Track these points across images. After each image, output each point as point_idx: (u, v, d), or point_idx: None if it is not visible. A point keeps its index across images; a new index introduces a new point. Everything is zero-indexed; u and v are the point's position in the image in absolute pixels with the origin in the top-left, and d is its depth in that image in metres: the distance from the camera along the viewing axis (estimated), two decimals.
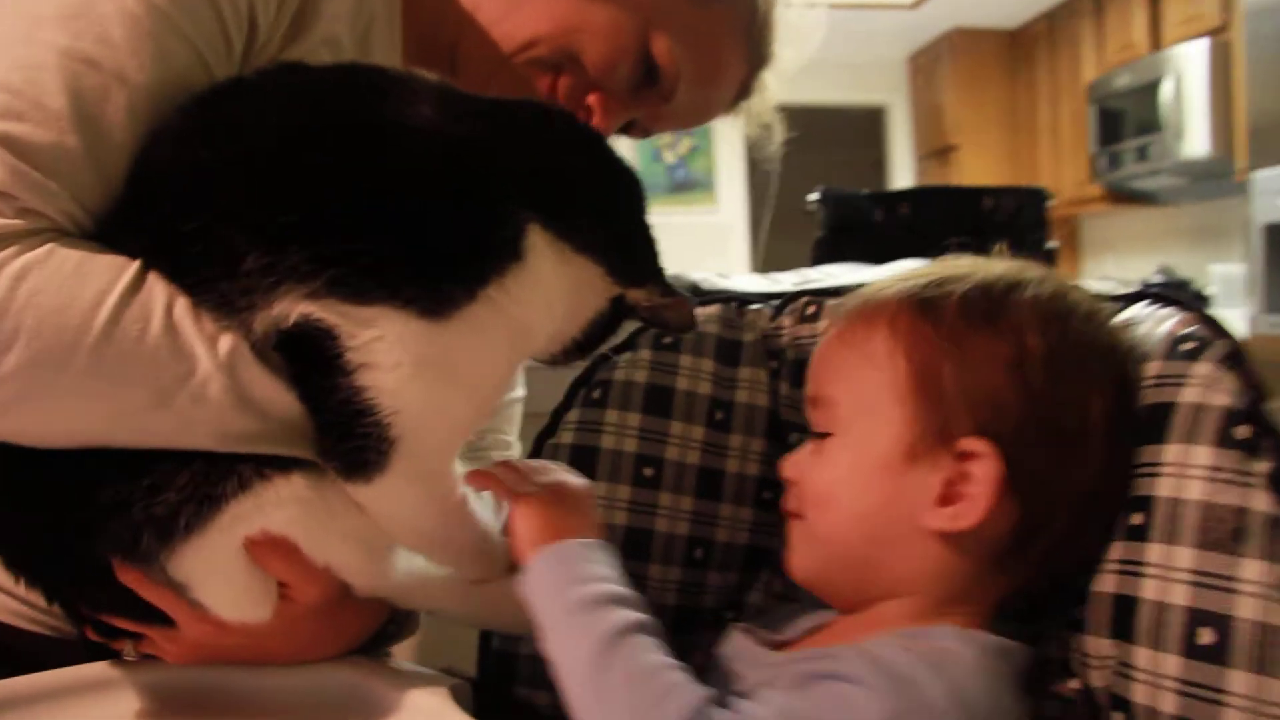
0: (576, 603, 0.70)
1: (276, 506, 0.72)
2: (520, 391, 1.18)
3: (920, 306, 0.79)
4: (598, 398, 1.02)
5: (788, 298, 1.06)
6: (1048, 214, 2.48)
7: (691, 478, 0.99)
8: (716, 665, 0.83)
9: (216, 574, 0.73)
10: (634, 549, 0.97)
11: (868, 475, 0.77)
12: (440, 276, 0.69)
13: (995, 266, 0.82)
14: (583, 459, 0.99)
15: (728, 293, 1.10)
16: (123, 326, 0.66)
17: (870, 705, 0.65)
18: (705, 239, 7.22)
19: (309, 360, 0.69)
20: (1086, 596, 0.74)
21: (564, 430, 1.02)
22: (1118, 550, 0.73)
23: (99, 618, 0.80)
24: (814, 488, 0.81)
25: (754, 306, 1.07)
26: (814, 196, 2.78)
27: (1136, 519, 0.72)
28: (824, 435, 0.81)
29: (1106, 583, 0.73)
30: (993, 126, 6.76)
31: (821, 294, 1.05)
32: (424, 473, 0.74)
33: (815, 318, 1.01)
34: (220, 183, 0.69)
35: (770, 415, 1.02)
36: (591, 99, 0.96)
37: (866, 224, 2.61)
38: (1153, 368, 0.75)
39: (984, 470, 0.73)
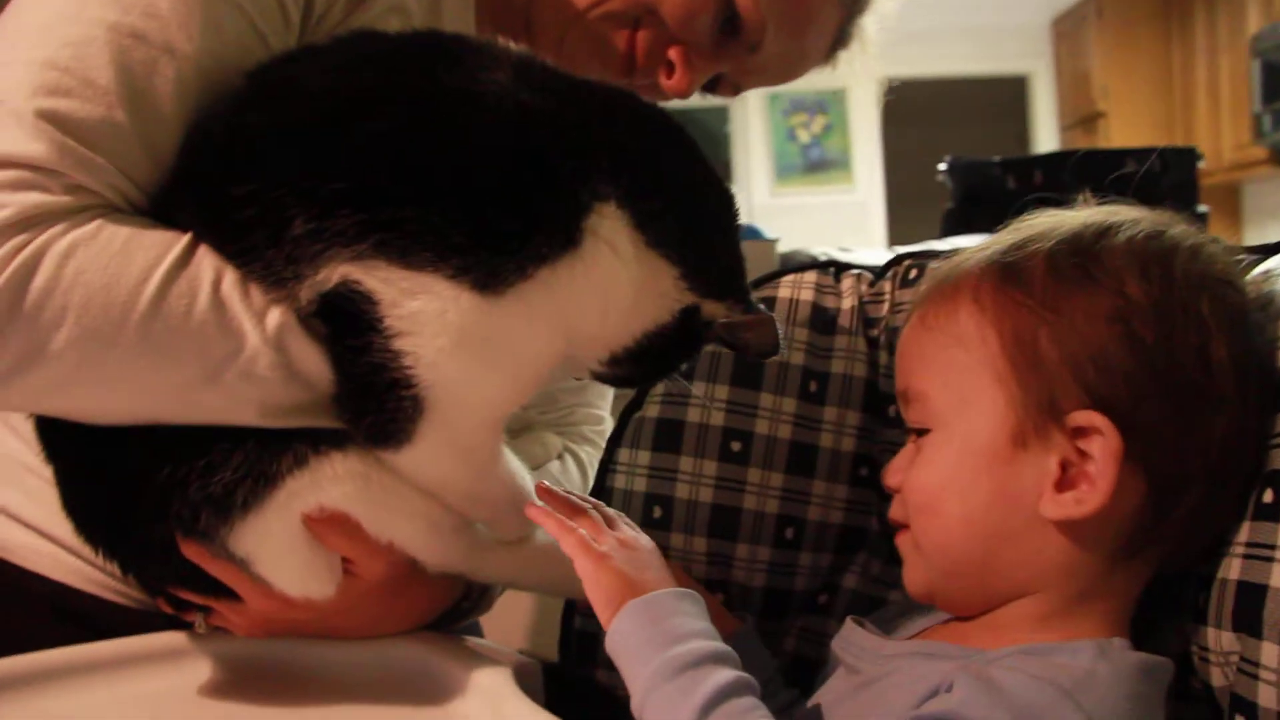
0: (670, 665, 0.63)
1: (333, 483, 0.70)
2: None
3: (1003, 273, 0.71)
4: (684, 369, 0.97)
5: (890, 262, 1.00)
6: (1198, 175, 2.32)
7: (782, 453, 0.93)
8: (833, 658, 0.77)
9: (278, 550, 0.72)
10: (720, 527, 0.93)
11: (974, 469, 0.69)
12: (493, 250, 0.65)
13: (1079, 215, 0.73)
14: (668, 433, 0.95)
15: (827, 259, 1.04)
16: (169, 302, 0.65)
17: None
18: (842, 218, 7.09)
19: (346, 327, 0.66)
20: (1209, 583, 0.66)
21: (650, 403, 0.98)
22: (1245, 531, 0.64)
23: (170, 591, 0.80)
24: (917, 492, 0.73)
25: (853, 272, 1.00)
26: (942, 167, 2.67)
27: (1268, 496, 0.63)
28: (922, 432, 0.74)
29: (1231, 568, 0.64)
30: (1143, 90, 6.40)
31: (925, 256, 0.99)
32: (459, 446, 0.71)
33: (918, 282, 0.94)
34: (274, 146, 0.68)
35: (868, 386, 0.95)
36: (672, 53, 0.91)
37: (998, 193, 2.48)
38: None
39: (1102, 446, 0.64)
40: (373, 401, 0.67)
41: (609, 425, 1.13)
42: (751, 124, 7.40)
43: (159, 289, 0.65)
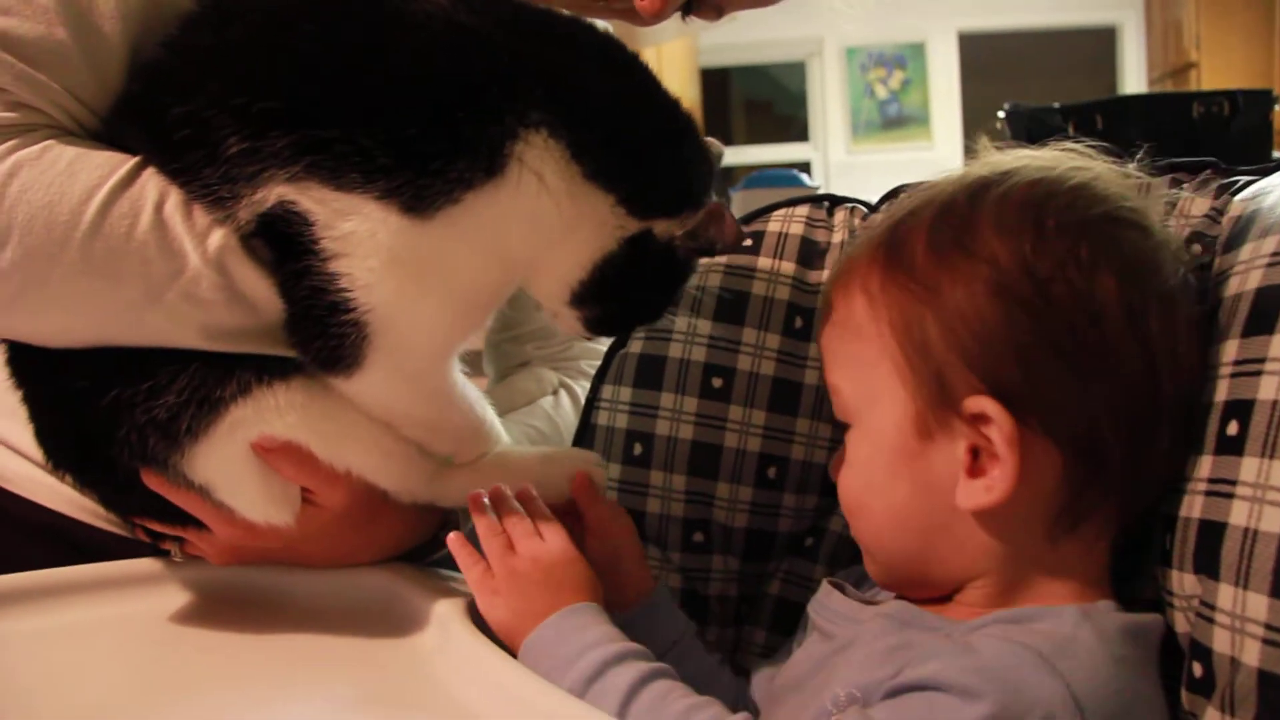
0: (575, 687, 0.63)
1: (276, 413, 0.70)
2: None
3: (887, 256, 0.68)
4: (675, 308, 0.95)
5: (887, 194, 0.96)
6: (1275, 118, 2.19)
7: (765, 389, 0.91)
8: (808, 621, 0.75)
9: (232, 477, 0.73)
10: (700, 465, 0.91)
11: (889, 466, 0.66)
12: (419, 172, 0.64)
13: (963, 176, 0.70)
14: (649, 368, 0.93)
15: (823, 194, 1.01)
16: (110, 222, 0.65)
17: (967, 716, 0.54)
18: (920, 175, 6.81)
19: (287, 250, 0.66)
20: (1173, 523, 0.62)
21: (634, 339, 0.96)
22: (1207, 466, 0.60)
23: (142, 521, 0.81)
24: (844, 494, 0.71)
25: (847, 205, 0.97)
26: (1001, 114, 2.58)
27: (1231, 428, 0.59)
28: (845, 427, 0.71)
29: (1194, 506, 0.60)
30: (1239, 39, 6.10)
31: (920, 187, 0.94)
32: (407, 371, 0.70)
33: None
34: (210, 66, 0.68)
35: None
36: None
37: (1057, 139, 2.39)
38: (1269, 243, 0.61)
39: (998, 431, 0.61)
40: (318, 326, 0.67)
41: None
42: (829, 80, 7.26)
43: (101, 208, 0.65)
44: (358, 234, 0.64)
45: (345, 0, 0.68)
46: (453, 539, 0.73)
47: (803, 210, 0.96)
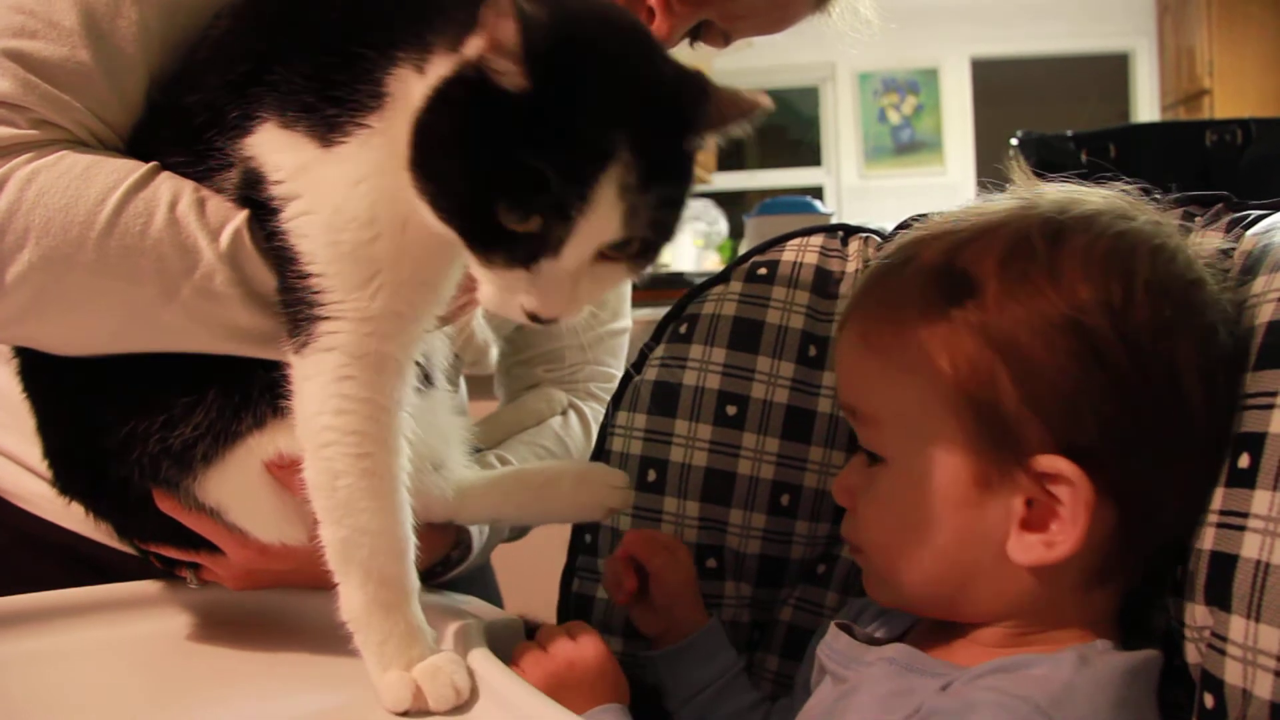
0: None
1: (288, 432, 0.70)
2: (625, 322, 1.14)
3: (950, 283, 0.65)
4: (684, 332, 0.96)
5: (900, 225, 0.97)
6: None
7: (778, 417, 0.91)
8: (818, 665, 0.75)
9: (245, 498, 0.73)
10: (714, 492, 0.92)
11: (936, 510, 0.64)
12: (325, 109, 0.64)
13: (1037, 205, 0.67)
14: (664, 395, 0.94)
15: (837, 224, 1.02)
16: (125, 221, 0.67)
17: None
18: (932, 201, 6.87)
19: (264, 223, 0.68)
20: (1185, 554, 0.62)
21: (649, 366, 0.97)
22: (1219, 498, 0.60)
23: (155, 549, 0.82)
24: (875, 529, 0.69)
25: (861, 235, 0.98)
26: (1014, 141, 2.58)
27: (1243, 461, 0.59)
28: (874, 458, 0.69)
29: (1205, 537, 0.61)
30: (1252, 66, 6.09)
31: (934, 220, 0.95)
32: (359, 349, 0.67)
33: None
34: (209, 57, 0.71)
35: None
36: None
37: (1071, 168, 2.39)
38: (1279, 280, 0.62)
39: (1072, 495, 0.60)
40: (289, 296, 0.67)
41: None
42: (841, 105, 7.29)
43: (115, 208, 0.67)
44: (290, 165, 0.65)
45: None
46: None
47: (817, 240, 0.97)
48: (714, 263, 5.09)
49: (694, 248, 4.94)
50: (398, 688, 0.66)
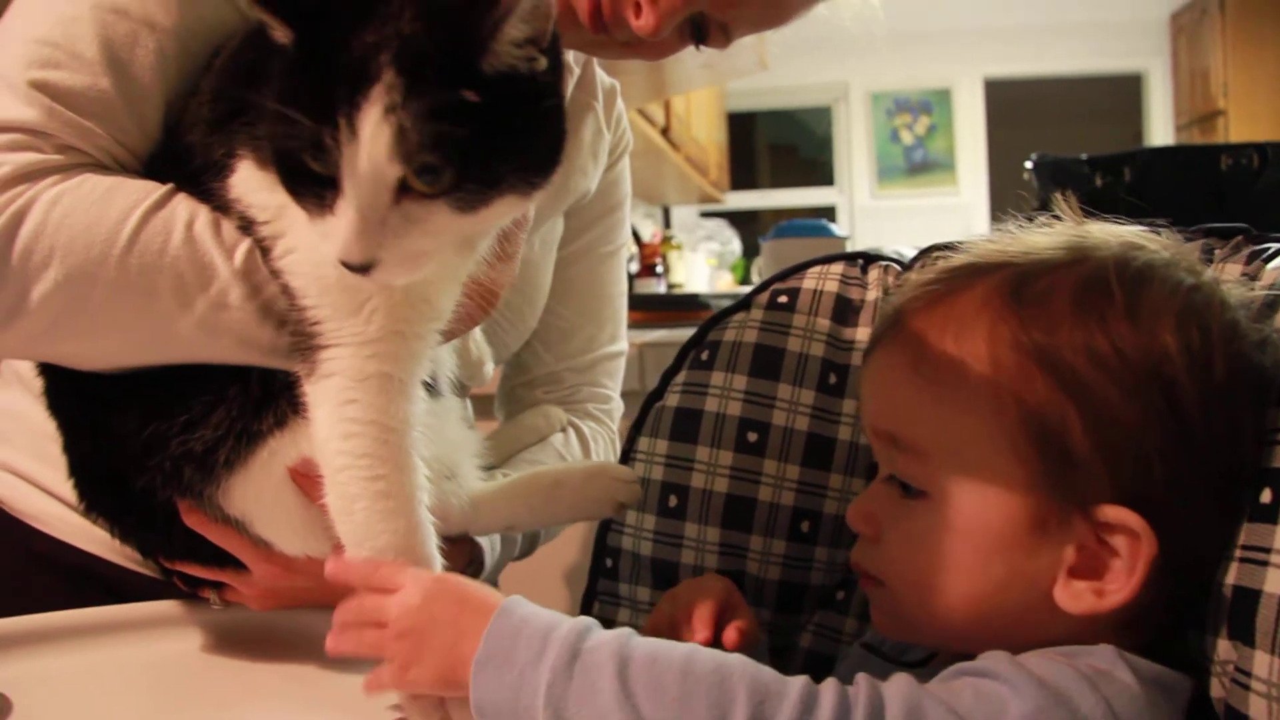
0: (559, 672, 0.56)
1: (308, 434, 0.71)
2: (621, 345, 1.15)
3: (1020, 318, 0.63)
4: (705, 359, 0.97)
5: (920, 253, 0.98)
6: None
7: (799, 444, 0.92)
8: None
9: (269, 507, 0.74)
10: (734, 518, 0.92)
11: (984, 553, 0.63)
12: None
13: (1109, 246, 0.66)
14: (685, 422, 0.95)
15: (856, 251, 1.03)
16: (144, 240, 0.69)
17: (1012, 703, 0.55)
18: (945, 221, 6.95)
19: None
20: (1209, 588, 0.63)
21: (670, 393, 0.98)
22: (1242, 534, 0.61)
23: (178, 568, 0.83)
24: (909, 568, 0.66)
25: (881, 263, 0.98)
26: (1028, 165, 2.59)
27: (1266, 496, 0.60)
28: (909, 489, 0.67)
29: (1229, 572, 0.61)
30: (1267, 86, 6.10)
31: (955, 249, 0.96)
32: (360, 373, 0.67)
33: None
34: (210, 92, 0.74)
35: None
36: None
37: (1086, 192, 2.39)
38: None
39: (1132, 547, 0.60)
40: (297, 330, 0.69)
41: (616, 405, 1.14)
42: (854, 125, 7.31)
43: (135, 228, 0.70)
44: (271, 205, 0.68)
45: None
46: (330, 641, 0.66)
47: (837, 268, 0.98)
48: (727, 282, 5.11)
49: (707, 267, 4.96)
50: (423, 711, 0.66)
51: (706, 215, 6.15)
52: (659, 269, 3.90)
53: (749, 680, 0.55)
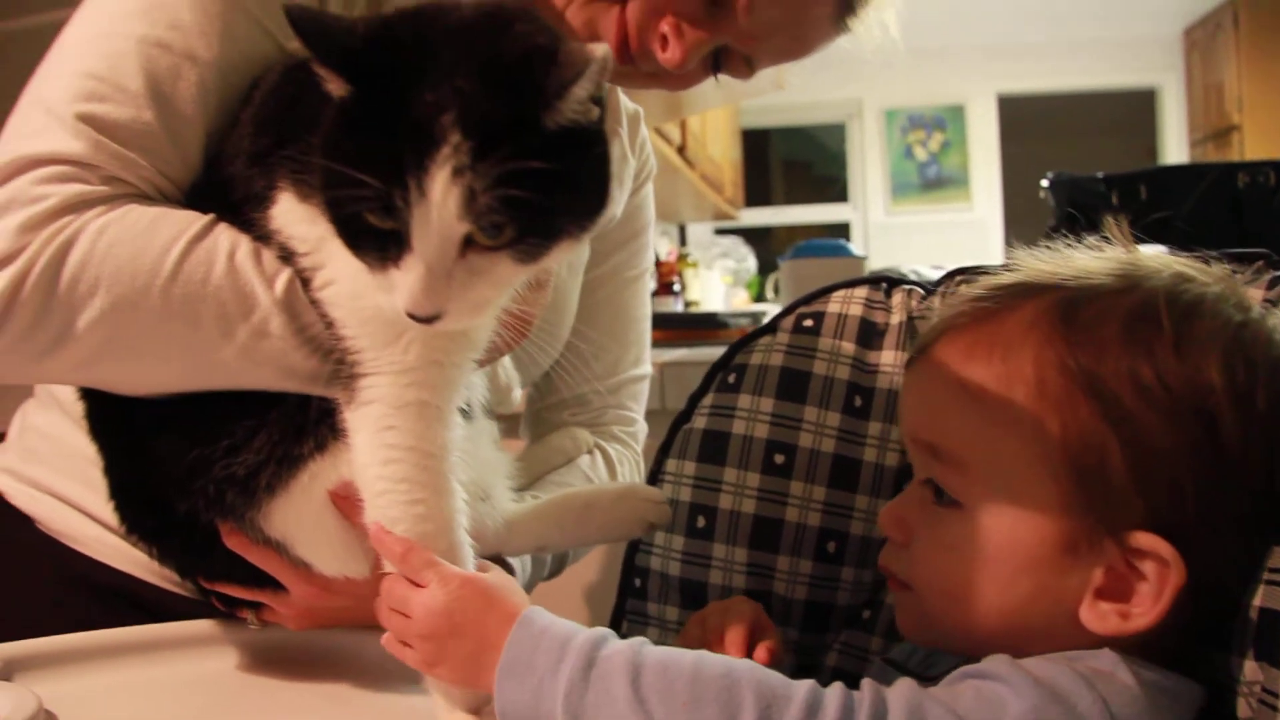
0: (575, 680, 0.59)
1: (348, 458, 0.72)
2: (645, 369, 1.17)
3: (1069, 344, 0.64)
4: (732, 382, 0.99)
5: (944, 277, 0.99)
6: None
7: (825, 466, 0.94)
8: None
9: (309, 530, 0.76)
10: (762, 539, 0.94)
11: (1014, 568, 0.64)
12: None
13: (1152, 274, 0.67)
14: (713, 444, 0.97)
15: (880, 274, 1.04)
16: (188, 269, 0.71)
17: (1012, 703, 0.57)
18: (959, 237, 6.96)
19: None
20: (1234, 609, 0.64)
21: (698, 415, 0.99)
22: (1270, 556, 0.62)
23: (217, 588, 0.85)
24: (940, 577, 0.68)
25: (905, 287, 1.00)
26: (1045, 183, 2.60)
27: None
28: (944, 497, 0.69)
29: (1256, 594, 0.62)
30: None
31: (979, 272, 0.97)
32: (399, 400, 0.69)
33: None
34: (250, 125, 0.76)
35: None
36: (664, 25, 0.89)
37: (1102, 210, 2.40)
38: None
39: (1161, 574, 0.61)
40: (337, 358, 0.71)
41: (641, 428, 1.15)
42: (868, 142, 7.33)
43: (179, 258, 0.72)
44: (311, 237, 0.70)
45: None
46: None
47: (861, 292, 0.99)
48: (742, 299, 5.12)
49: (723, 284, 4.98)
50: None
51: (721, 232, 6.17)
52: (676, 287, 3.91)
53: (756, 684, 0.58)
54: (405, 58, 0.60)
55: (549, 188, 0.59)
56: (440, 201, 0.57)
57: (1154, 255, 0.71)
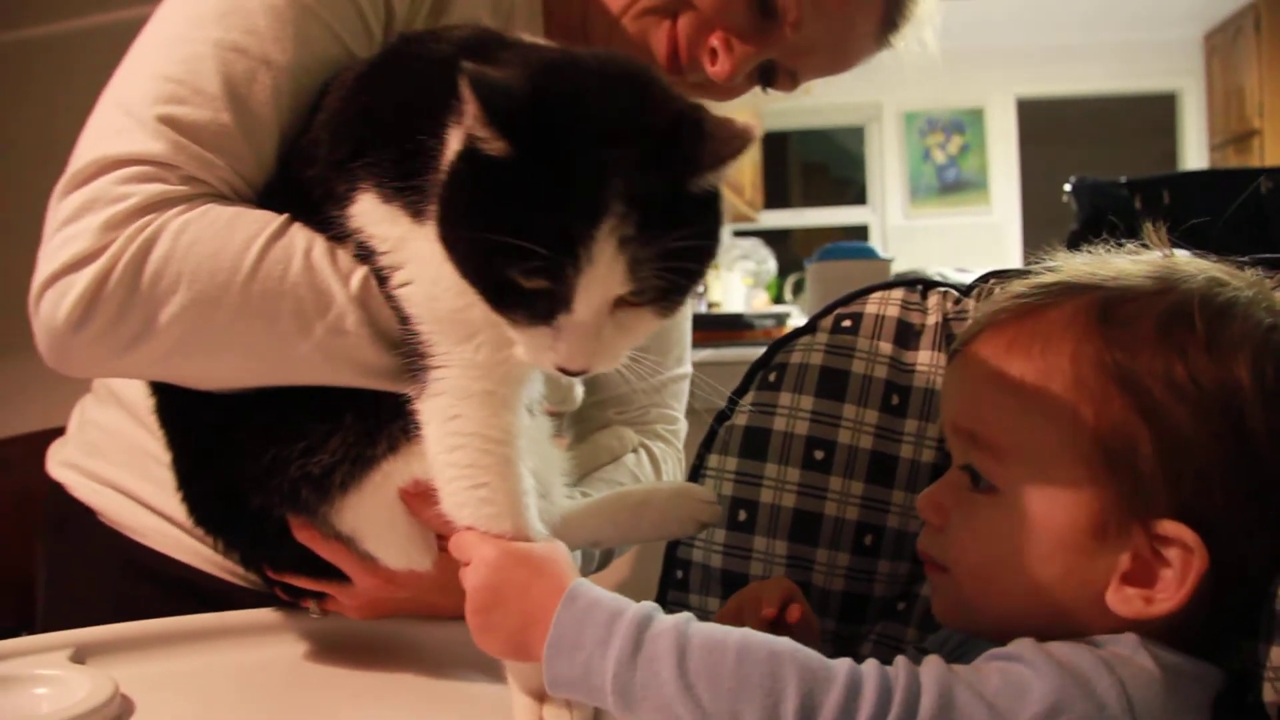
0: (624, 661, 0.62)
1: (420, 458, 0.76)
2: (686, 368, 1.20)
3: (1106, 339, 0.68)
4: (773, 380, 1.02)
5: (977, 280, 1.02)
6: None
7: (863, 462, 0.97)
8: None
9: (378, 525, 0.79)
10: (801, 532, 0.97)
11: (1045, 551, 0.68)
12: (410, 194, 0.70)
13: (1189, 277, 0.70)
14: (754, 440, 1.00)
15: (915, 277, 1.07)
16: (266, 267, 0.74)
17: (1035, 684, 0.61)
18: (977, 240, 6.96)
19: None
20: (1263, 597, 0.67)
21: (740, 412, 1.03)
22: None
23: (285, 580, 0.88)
24: (974, 557, 0.72)
25: (940, 289, 1.03)
26: (1067, 187, 2.62)
27: None
28: (980, 482, 0.72)
29: (1277, 580, 0.65)
30: None
31: (1012, 275, 1.00)
32: (465, 391, 0.72)
33: None
34: (326, 130, 0.79)
35: None
36: (714, 39, 0.93)
37: (1125, 214, 2.42)
38: None
39: (1185, 561, 0.64)
40: (409, 352, 0.73)
41: (682, 425, 1.19)
42: (887, 144, 7.34)
43: (258, 256, 0.74)
44: (392, 237, 0.72)
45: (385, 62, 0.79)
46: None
47: (898, 294, 1.03)
48: (763, 300, 5.14)
49: (743, 286, 5.00)
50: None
51: (740, 234, 6.20)
52: (699, 288, 3.94)
53: (799, 667, 0.61)
54: (559, 120, 0.62)
55: (695, 251, 0.63)
56: (606, 271, 0.60)
57: (1189, 260, 0.74)
